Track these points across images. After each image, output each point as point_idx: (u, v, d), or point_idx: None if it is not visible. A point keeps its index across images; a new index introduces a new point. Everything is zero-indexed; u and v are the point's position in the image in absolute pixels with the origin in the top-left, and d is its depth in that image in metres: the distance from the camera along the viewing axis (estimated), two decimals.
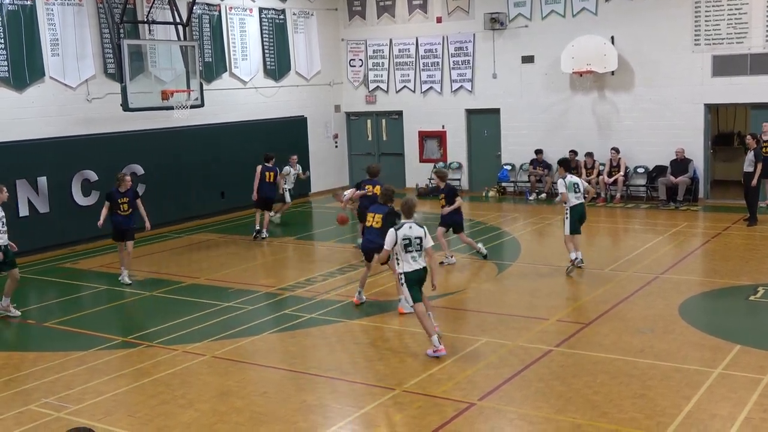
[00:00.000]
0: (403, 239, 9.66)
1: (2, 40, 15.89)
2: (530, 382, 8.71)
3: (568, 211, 13.34)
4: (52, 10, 16.74)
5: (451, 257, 14.35)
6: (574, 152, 20.58)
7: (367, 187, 14.58)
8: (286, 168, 19.16)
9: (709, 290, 12.28)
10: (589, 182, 20.15)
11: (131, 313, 12.59)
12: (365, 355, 9.87)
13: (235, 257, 15.81)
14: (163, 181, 18.59)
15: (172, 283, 13.81)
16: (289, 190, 19.32)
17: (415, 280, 9.74)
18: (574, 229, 13.36)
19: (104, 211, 13.60)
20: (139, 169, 18.03)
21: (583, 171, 20.42)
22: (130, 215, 13.66)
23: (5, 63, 15.96)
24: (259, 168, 17.35)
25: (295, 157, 19.65)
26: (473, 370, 9.13)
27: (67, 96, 17.13)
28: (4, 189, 11.94)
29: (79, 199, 16.95)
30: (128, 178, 13.88)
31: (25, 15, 16.20)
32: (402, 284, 9.84)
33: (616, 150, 20.18)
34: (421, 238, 9.74)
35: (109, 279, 14.09)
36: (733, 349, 9.42)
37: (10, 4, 15.94)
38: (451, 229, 14.38)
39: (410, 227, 9.76)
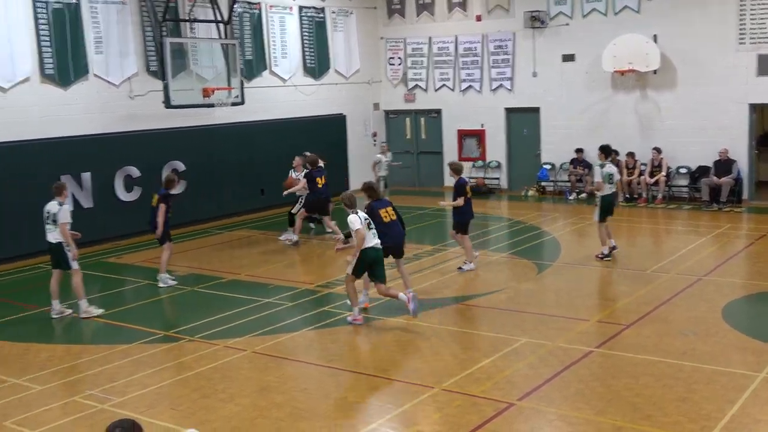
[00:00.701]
0: (366, 220, 10.89)
1: (48, 38, 16.17)
2: (570, 383, 8.67)
3: (599, 200, 14.05)
4: (96, 9, 16.99)
5: (470, 263, 13.81)
6: (615, 152, 20.43)
7: (317, 179, 15.94)
8: (378, 156, 19.71)
9: (753, 293, 12.11)
10: (630, 183, 20.11)
11: (173, 307, 12.76)
12: (404, 353, 9.90)
13: (275, 254, 15.92)
14: (204, 178, 18.78)
15: (213, 279, 13.96)
16: (384, 177, 19.75)
17: (372, 258, 10.80)
18: (603, 217, 14.05)
19: (165, 216, 13.13)
20: (181, 166, 18.26)
21: (625, 171, 20.24)
22: None
23: (51, 60, 16.24)
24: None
25: (385, 144, 20.23)
26: (512, 370, 9.11)
27: (111, 93, 17.39)
28: (66, 186, 12.18)
29: (122, 194, 17.20)
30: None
31: (69, 13, 16.48)
32: (355, 257, 10.83)
33: (658, 150, 19.97)
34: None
35: (151, 273, 14.24)
36: None
37: (55, 2, 16.21)
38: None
39: (361, 212, 11.00)
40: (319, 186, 16.01)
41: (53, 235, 11.75)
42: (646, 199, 20.07)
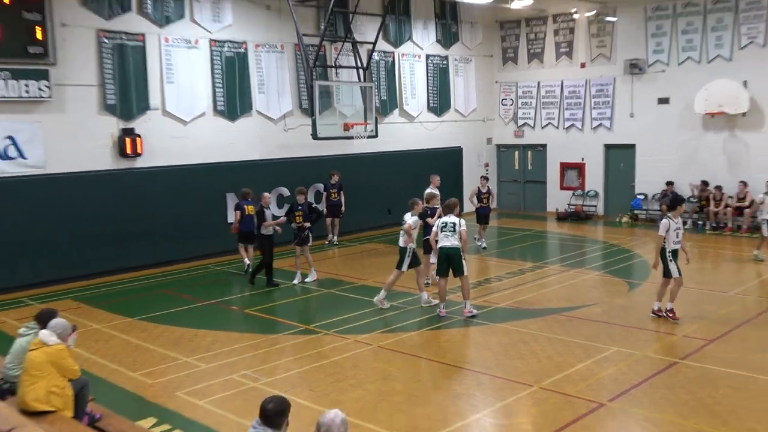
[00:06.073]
0: (441, 224, 11.63)
1: (221, 80, 17.05)
2: (657, 389, 8.41)
3: None
4: (260, 56, 17.79)
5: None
6: (704, 182, 19.67)
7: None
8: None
9: None
10: (716, 213, 19.23)
11: (314, 306, 13.12)
12: (507, 354, 9.84)
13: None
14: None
15: (346, 283, 14.28)
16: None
17: (445, 254, 11.42)
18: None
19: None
20: (322, 188, 18.77)
21: (712, 202, 19.42)
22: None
23: (222, 99, 17.10)
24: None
25: None
26: (604, 375, 8.91)
27: (269, 127, 18.10)
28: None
29: (275, 210, 17.77)
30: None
31: (239, 60, 17.32)
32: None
33: (744, 183, 19.00)
34: None
35: (292, 276, 14.70)
36: None
37: (227, 51, 17.09)
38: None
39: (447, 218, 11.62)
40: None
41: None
42: (732, 228, 19.13)
